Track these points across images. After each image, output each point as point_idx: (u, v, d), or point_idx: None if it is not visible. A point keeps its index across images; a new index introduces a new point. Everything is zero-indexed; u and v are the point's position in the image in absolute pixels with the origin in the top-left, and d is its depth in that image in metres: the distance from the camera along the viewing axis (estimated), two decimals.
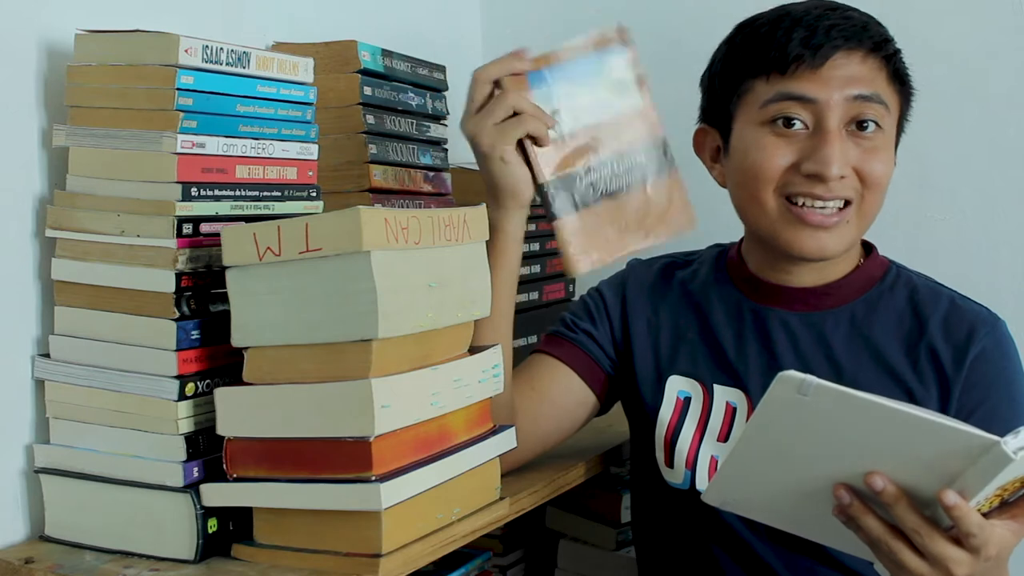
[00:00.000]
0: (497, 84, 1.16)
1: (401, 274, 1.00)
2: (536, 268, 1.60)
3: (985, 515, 0.93)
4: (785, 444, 0.96)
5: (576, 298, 1.70)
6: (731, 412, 1.25)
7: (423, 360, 1.05)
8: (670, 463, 1.27)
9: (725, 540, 1.23)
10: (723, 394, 1.26)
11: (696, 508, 1.22)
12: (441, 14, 1.81)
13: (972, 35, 1.58)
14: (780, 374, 0.91)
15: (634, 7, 1.79)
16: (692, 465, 1.25)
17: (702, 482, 1.24)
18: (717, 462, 1.23)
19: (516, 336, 1.53)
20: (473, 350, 1.14)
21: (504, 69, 1.16)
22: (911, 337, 1.22)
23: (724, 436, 1.24)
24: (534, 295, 1.59)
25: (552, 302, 1.64)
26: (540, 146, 1.16)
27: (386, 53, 1.37)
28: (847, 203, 1.18)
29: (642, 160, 1.21)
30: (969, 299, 1.25)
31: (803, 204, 1.18)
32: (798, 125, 1.17)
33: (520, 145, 1.16)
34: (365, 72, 1.33)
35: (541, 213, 1.59)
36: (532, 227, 1.58)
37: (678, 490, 1.26)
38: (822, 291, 1.25)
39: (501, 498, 1.16)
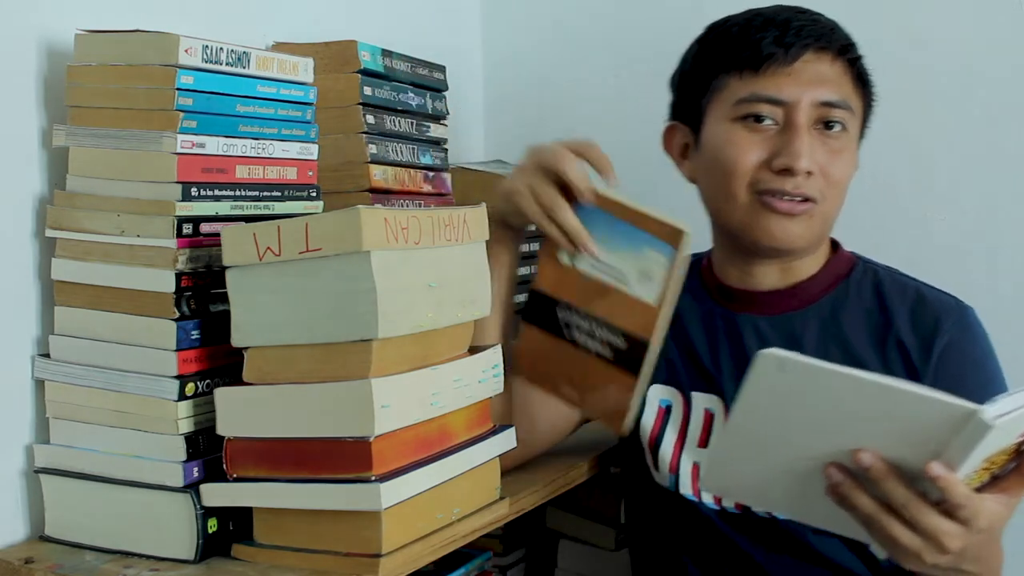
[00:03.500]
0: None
1: (401, 274, 1.00)
2: (536, 268, 1.60)
3: (977, 490, 0.93)
4: (771, 425, 0.96)
5: None
6: (709, 419, 1.27)
7: (423, 360, 1.05)
8: (656, 467, 1.29)
9: (710, 538, 1.25)
10: (701, 401, 1.28)
11: (680, 508, 1.26)
12: (441, 14, 1.81)
13: (972, 35, 1.58)
14: (760, 352, 0.92)
15: (633, 7, 1.80)
16: (675, 470, 1.27)
17: (685, 487, 1.26)
18: (699, 467, 1.25)
19: (516, 336, 1.53)
20: (473, 350, 1.14)
21: (578, 179, 1.12)
22: (879, 331, 1.24)
23: (703, 442, 1.26)
24: None
25: None
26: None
27: (386, 53, 1.37)
28: (810, 200, 1.20)
29: (619, 345, 1.12)
30: (936, 289, 1.27)
31: (772, 195, 1.20)
32: (768, 122, 1.20)
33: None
34: (365, 72, 1.33)
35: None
36: (532, 227, 1.58)
37: (666, 489, 1.28)
38: (789, 292, 1.27)
39: (501, 498, 1.16)
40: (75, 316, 1.08)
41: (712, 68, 1.24)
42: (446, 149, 1.47)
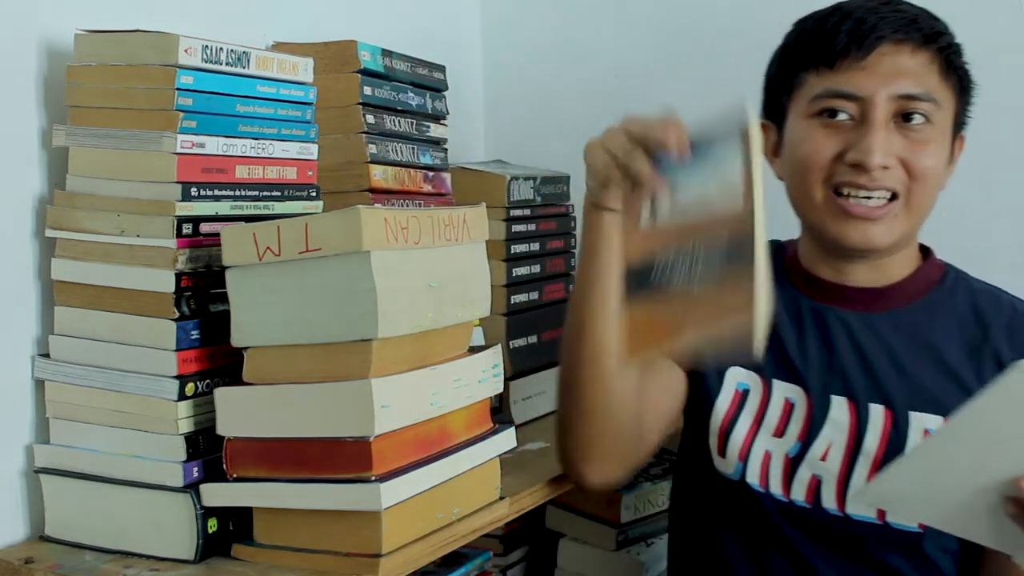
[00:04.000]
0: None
1: (401, 274, 1.00)
2: (536, 268, 1.60)
3: None
4: (993, 433, 0.96)
5: None
6: (789, 408, 1.24)
7: (423, 360, 1.05)
8: (723, 453, 1.26)
9: (771, 534, 1.23)
10: (782, 389, 1.25)
11: (744, 499, 1.23)
12: (441, 14, 1.81)
13: (972, 35, 1.58)
14: (1018, 362, 0.91)
15: (633, 7, 1.80)
16: (744, 457, 1.24)
17: (752, 475, 1.23)
18: (771, 456, 1.22)
19: (516, 336, 1.54)
20: (473, 350, 1.14)
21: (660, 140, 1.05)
22: (974, 342, 1.22)
23: (780, 431, 1.23)
24: (534, 295, 1.59)
25: (552, 302, 1.64)
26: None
27: (386, 53, 1.37)
28: (894, 196, 1.18)
29: (724, 248, 1.02)
30: None
31: (848, 195, 1.18)
32: (843, 116, 1.18)
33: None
34: (365, 72, 1.33)
35: (542, 213, 1.60)
36: (532, 227, 1.59)
37: (727, 480, 1.25)
38: (880, 292, 1.25)
39: (501, 498, 1.16)
40: (75, 316, 1.08)
41: (792, 66, 1.23)
42: (446, 149, 1.47)
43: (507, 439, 1.16)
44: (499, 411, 1.38)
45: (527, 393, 1.56)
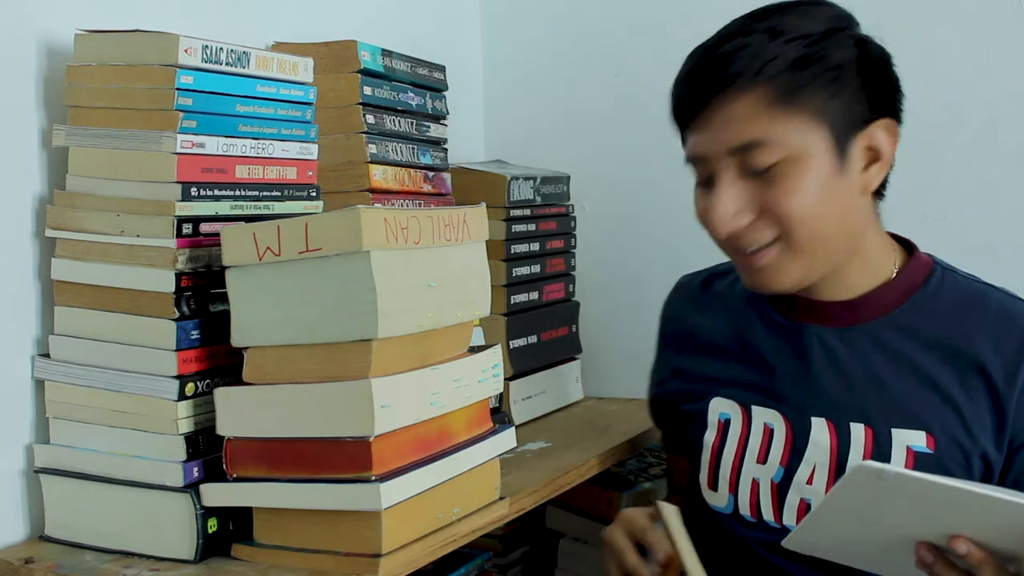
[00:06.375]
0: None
1: (401, 274, 1.00)
2: (536, 268, 1.60)
3: None
4: (864, 514, 0.97)
5: (575, 297, 1.71)
6: (769, 433, 1.21)
7: (423, 360, 1.05)
8: (714, 486, 1.24)
9: (765, 570, 1.20)
10: (761, 415, 1.22)
11: (735, 534, 1.21)
12: (441, 14, 1.81)
13: (972, 34, 1.58)
14: (858, 465, 0.92)
15: (633, 7, 1.80)
16: (735, 489, 1.22)
17: (744, 507, 1.21)
18: (758, 484, 1.20)
19: (516, 336, 1.54)
20: (473, 350, 1.14)
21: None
22: (957, 348, 1.15)
23: (763, 458, 1.20)
24: (534, 295, 1.59)
25: (552, 302, 1.64)
26: None
27: (386, 53, 1.37)
28: (774, 240, 1.12)
29: None
30: (1022, 300, 1.18)
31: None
32: (706, 178, 1.14)
33: None
34: (365, 72, 1.33)
35: (542, 213, 1.60)
36: (532, 227, 1.59)
37: (720, 513, 1.23)
38: (855, 304, 1.18)
39: (501, 498, 1.16)
40: (75, 316, 1.08)
41: (675, 121, 1.18)
42: (446, 149, 1.48)
43: (507, 439, 1.16)
44: (499, 411, 1.38)
45: (527, 393, 1.56)
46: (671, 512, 1.10)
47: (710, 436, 1.25)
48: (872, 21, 1.19)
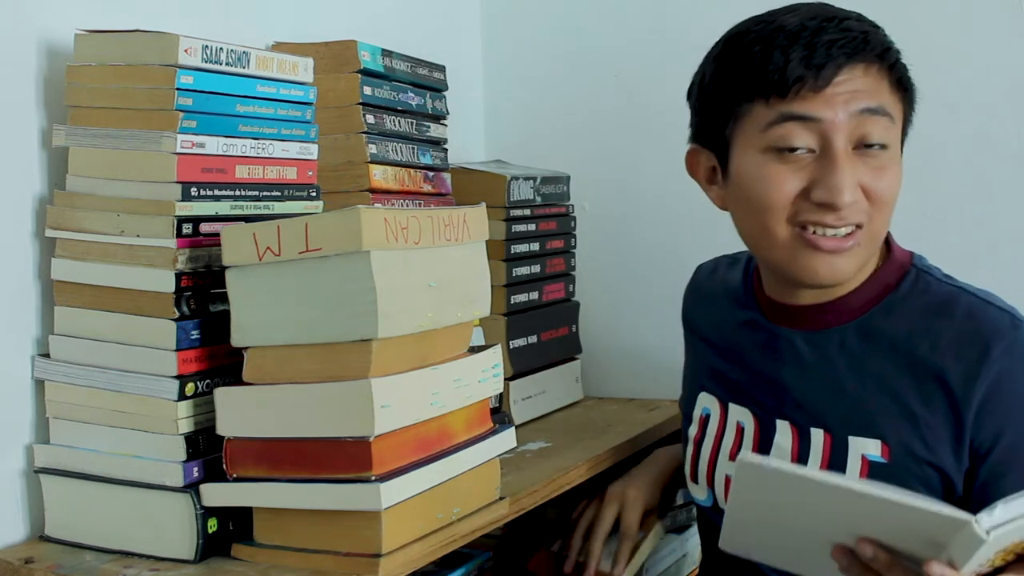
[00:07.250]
0: None
1: (401, 274, 1.00)
2: (536, 268, 1.60)
3: (1000, 569, 0.89)
4: (770, 512, 0.96)
5: (575, 297, 1.71)
6: (740, 432, 1.22)
7: (423, 360, 1.05)
8: (695, 479, 1.27)
9: (745, 562, 1.18)
10: (736, 413, 1.24)
11: (717, 525, 1.20)
12: (441, 14, 1.81)
13: (972, 34, 1.58)
14: (739, 458, 0.94)
15: (633, 7, 1.80)
16: (711, 483, 1.24)
17: (721, 501, 1.23)
18: (731, 480, 1.19)
19: (516, 336, 1.54)
20: (473, 350, 1.14)
21: None
22: (919, 356, 1.12)
23: (734, 455, 1.21)
24: (534, 295, 1.59)
25: (552, 302, 1.64)
26: None
27: (386, 53, 1.37)
28: (859, 225, 1.10)
29: None
30: (991, 304, 1.14)
31: (815, 231, 1.10)
32: (801, 150, 1.09)
33: None
34: (365, 72, 1.33)
35: (542, 213, 1.60)
36: (532, 227, 1.59)
37: (701, 506, 1.27)
38: (829, 307, 1.17)
39: (501, 498, 1.16)
40: (75, 316, 1.08)
41: (734, 94, 1.12)
42: (446, 149, 1.48)
43: (507, 439, 1.16)
44: (499, 411, 1.38)
45: (527, 393, 1.56)
46: (654, 534, 1.15)
47: (692, 430, 1.28)
48: (872, 21, 1.19)
